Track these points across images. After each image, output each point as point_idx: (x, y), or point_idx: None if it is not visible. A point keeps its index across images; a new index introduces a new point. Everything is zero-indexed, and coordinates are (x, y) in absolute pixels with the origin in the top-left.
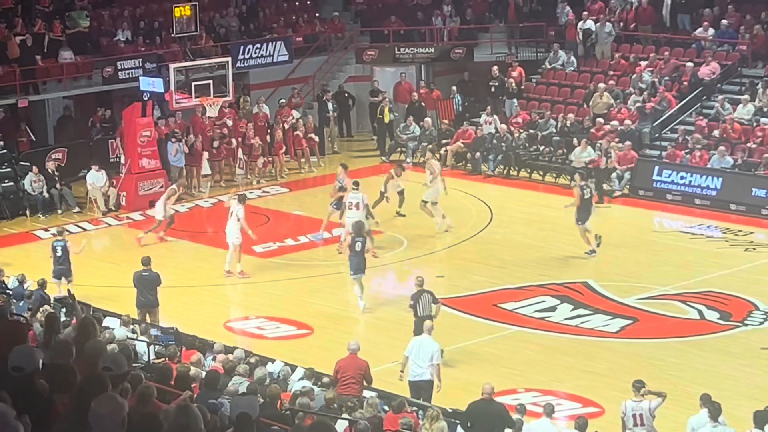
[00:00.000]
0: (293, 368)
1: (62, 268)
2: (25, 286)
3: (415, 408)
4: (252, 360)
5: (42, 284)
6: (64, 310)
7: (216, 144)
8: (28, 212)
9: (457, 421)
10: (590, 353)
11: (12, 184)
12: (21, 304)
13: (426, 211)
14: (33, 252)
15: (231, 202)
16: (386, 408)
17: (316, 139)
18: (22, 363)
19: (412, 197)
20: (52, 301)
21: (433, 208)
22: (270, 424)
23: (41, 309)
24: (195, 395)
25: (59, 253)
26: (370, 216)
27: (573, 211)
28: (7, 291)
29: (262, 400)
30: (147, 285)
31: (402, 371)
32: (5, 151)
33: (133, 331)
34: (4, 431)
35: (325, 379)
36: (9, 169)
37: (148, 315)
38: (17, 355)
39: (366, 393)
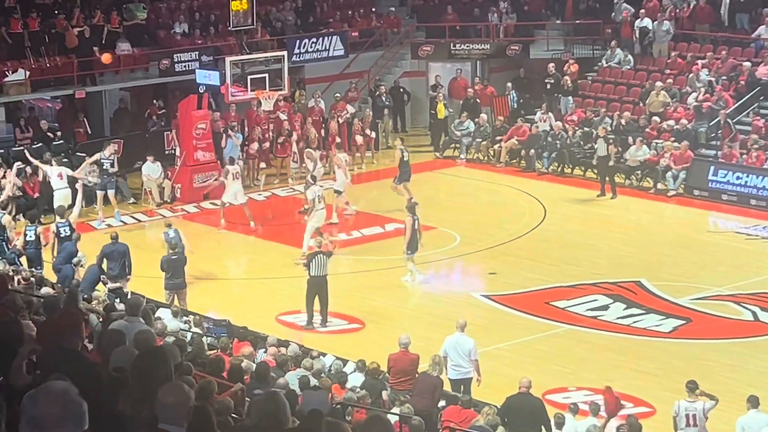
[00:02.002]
0: (344, 362)
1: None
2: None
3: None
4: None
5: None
6: (117, 300)
7: (281, 140)
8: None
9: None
10: (642, 353)
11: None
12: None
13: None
14: (87, 242)
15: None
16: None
17: (372, 135)
18: (125, 363)
19: (465, 195)
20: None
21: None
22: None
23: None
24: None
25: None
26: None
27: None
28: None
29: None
30: (176, 267)
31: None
32: (62, 141)
33: (186, 323)
34: (68, 407)
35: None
36: (66, 160)
37: (176, 297)
38: (119, 356)
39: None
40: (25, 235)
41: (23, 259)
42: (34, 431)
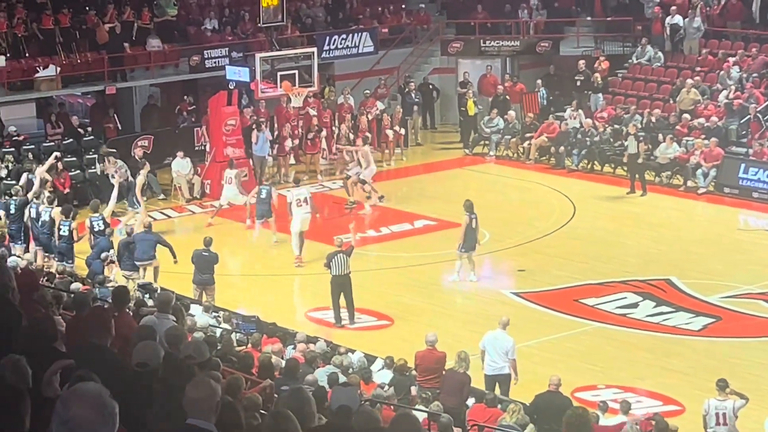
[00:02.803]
0: (373, 359)
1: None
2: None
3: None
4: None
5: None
6: (147, 296)
7: (311, 136)
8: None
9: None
10: (672, 351)
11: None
12: (104, 289)
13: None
14: (117, 237)
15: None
16: None
17: (402, 131)
18: (147, 359)
19: (494, 192)
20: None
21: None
22: None
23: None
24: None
25: None
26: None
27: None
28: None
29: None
30: (205, 263)
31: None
32: (92, 137)
33: (216, 318)
34: (101, 410)
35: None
36: (96, 156)
37: (203, 292)
38: (142, 350)
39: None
40: (59, 229)
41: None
42: None
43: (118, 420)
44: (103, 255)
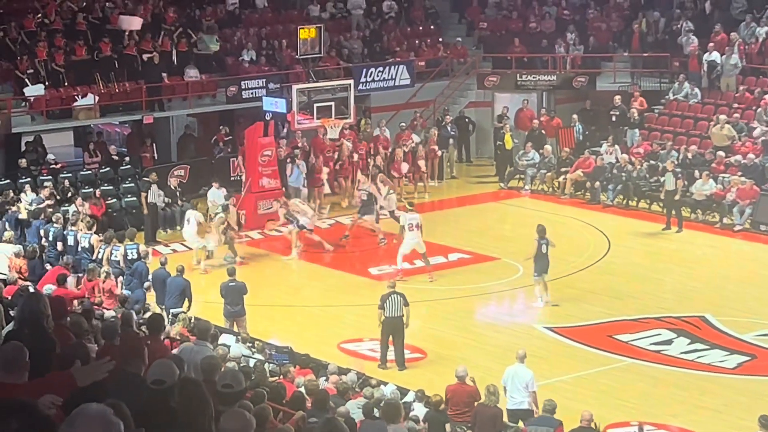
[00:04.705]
0: (405, 391)
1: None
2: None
3: None
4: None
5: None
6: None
7: (342, 164)
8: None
9: None
10: (706, 388)
11: (135, 199)
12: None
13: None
14: (153, 266)
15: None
16: None
17: (439, 153)
18: (163, 376)
19: (529, 226)
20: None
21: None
22: None
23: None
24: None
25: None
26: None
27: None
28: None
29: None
30: (234, 294)
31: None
32: (129, 166)
33: (250, 349)
34: (107, 428)
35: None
36: (132, 184)
37: (235, 324)
38: (158, 368)
39: None
40: (112, 254)
41: None
42: None
43: None
44: (146, 284)
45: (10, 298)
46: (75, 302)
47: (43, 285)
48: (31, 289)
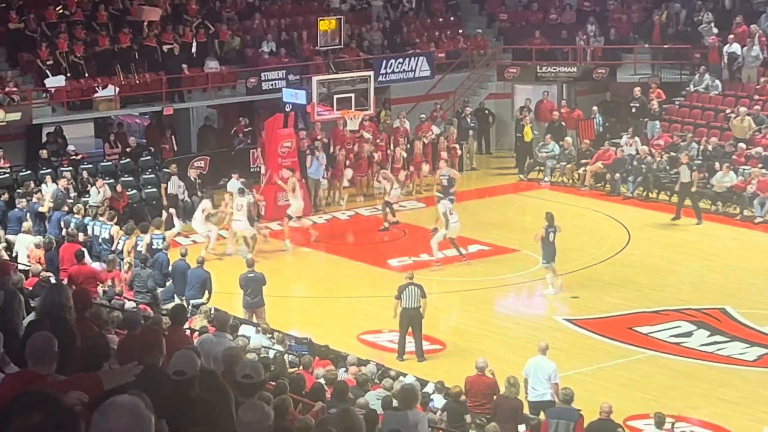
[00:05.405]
0: (424, 383)
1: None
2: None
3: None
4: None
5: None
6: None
7: (365, 155)
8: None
9: None
10: (726, 381)
11: (155, 190)
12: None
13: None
14: (172, 257)
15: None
16: None
17: (459, 151)
18: (185, 368)
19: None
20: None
21: None
22: None
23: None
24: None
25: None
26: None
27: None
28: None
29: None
30: (253, 285)
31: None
32: (149, 157)
33: (269, 339)
34: (138, 420)
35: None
36: (152, 176)
37: (254, 315)
38: (179, 359)
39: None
40: (136, 245)
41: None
42: None
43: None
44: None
45: (31, 288)
46: (99, 289)
47: (66, 267)
48: (53, 281)
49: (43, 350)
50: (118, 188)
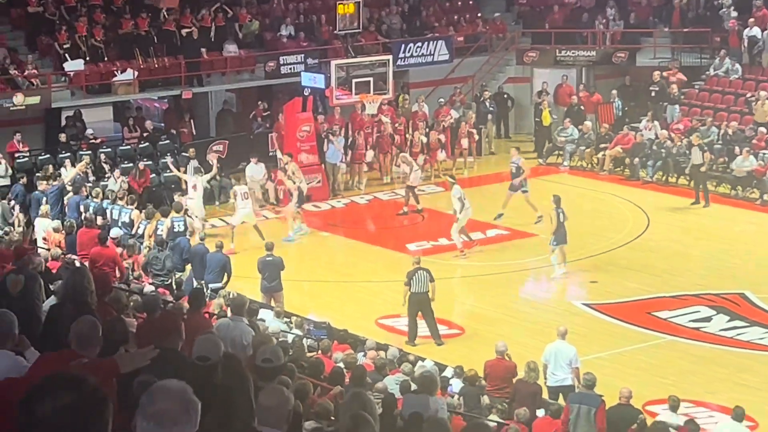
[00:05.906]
0: (443, 367)
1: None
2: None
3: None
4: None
5: None
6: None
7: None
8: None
9: None
10: (745, 366)
11: (173, 174)
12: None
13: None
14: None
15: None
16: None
17: (476, 136)
18: (208, 353)
19: (568, 202)
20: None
21: None
22: None
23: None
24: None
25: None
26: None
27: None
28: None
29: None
30: (271, 269)
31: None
32: (168, 141)
33: (287, 324)
34: (185, 404)
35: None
36: (170, 159)
37: (272, 299)
38: (202, 344)
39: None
40: (157, 228)
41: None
42: (152, 427)
43: (199, 418)
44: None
45: (54, 272)
46: (117, 272)
47: (85, 250)
48: (77, 264)
49: (88, 335)
50: (141, 166)
